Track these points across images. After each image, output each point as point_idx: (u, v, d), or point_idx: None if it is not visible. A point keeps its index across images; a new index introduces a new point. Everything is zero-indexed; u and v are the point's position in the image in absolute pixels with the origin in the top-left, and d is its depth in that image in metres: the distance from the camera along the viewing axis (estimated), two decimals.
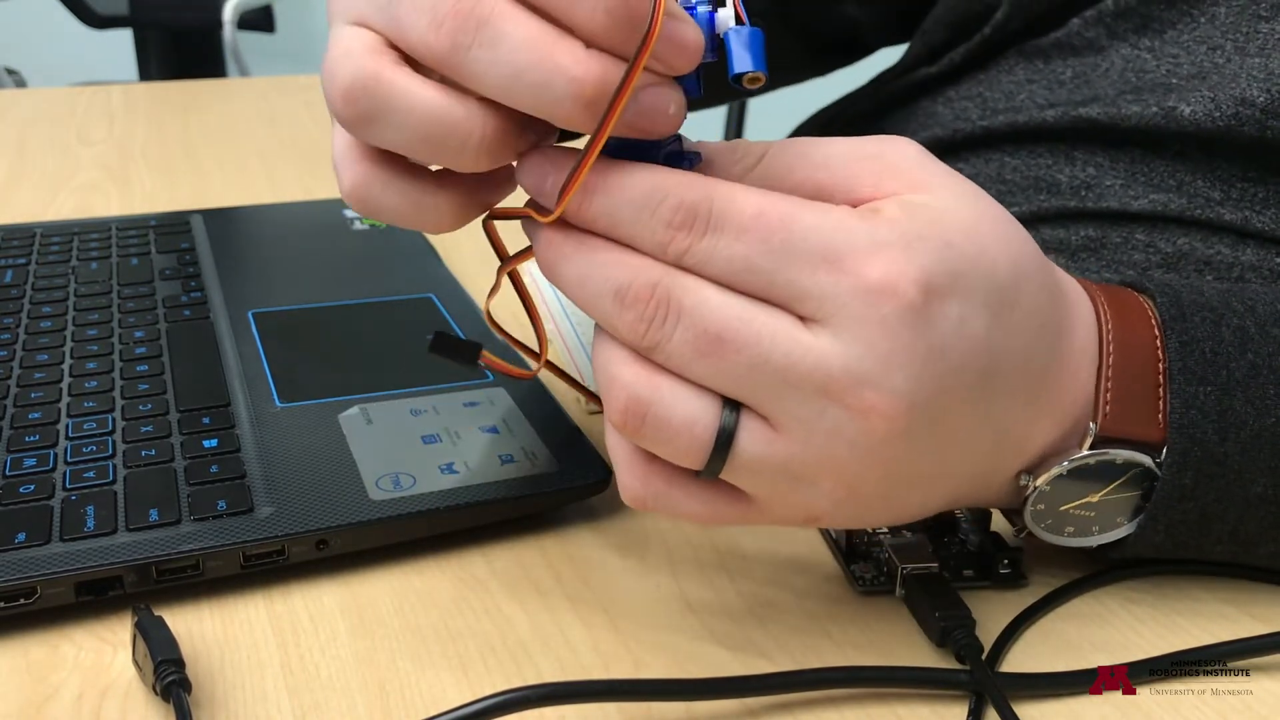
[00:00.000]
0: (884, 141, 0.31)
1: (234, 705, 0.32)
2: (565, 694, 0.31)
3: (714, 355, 0.29)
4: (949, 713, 0.32)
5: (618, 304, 0.29)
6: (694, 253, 0.29)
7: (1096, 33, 0.52)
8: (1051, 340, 0.33)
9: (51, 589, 0.34)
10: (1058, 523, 0.35)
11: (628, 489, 0.32)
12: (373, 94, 0.29)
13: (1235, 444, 0.33)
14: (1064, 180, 0.52)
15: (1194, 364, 0.33)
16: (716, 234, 0.29)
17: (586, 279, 0.30)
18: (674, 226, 0.29)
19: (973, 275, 0.29)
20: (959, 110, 0.58)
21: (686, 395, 0.30)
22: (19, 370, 0.47)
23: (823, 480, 0.30)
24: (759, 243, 0.28)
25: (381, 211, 0.32)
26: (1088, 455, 0.33)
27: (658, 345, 0.29)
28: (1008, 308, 0.31)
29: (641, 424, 0.30)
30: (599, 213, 0.30)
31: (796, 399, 0.29)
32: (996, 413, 0.32)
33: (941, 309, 0.29)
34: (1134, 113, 0.48)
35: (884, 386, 0.29)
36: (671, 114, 0.29)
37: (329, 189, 0.79)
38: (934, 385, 0.29)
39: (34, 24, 2.77)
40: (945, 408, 0.30)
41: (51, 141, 0.90)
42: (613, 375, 0.30)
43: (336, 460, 0.41)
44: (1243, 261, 0.47)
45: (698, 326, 0.29)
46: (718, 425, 0.30)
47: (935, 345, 0.29)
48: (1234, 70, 0.46)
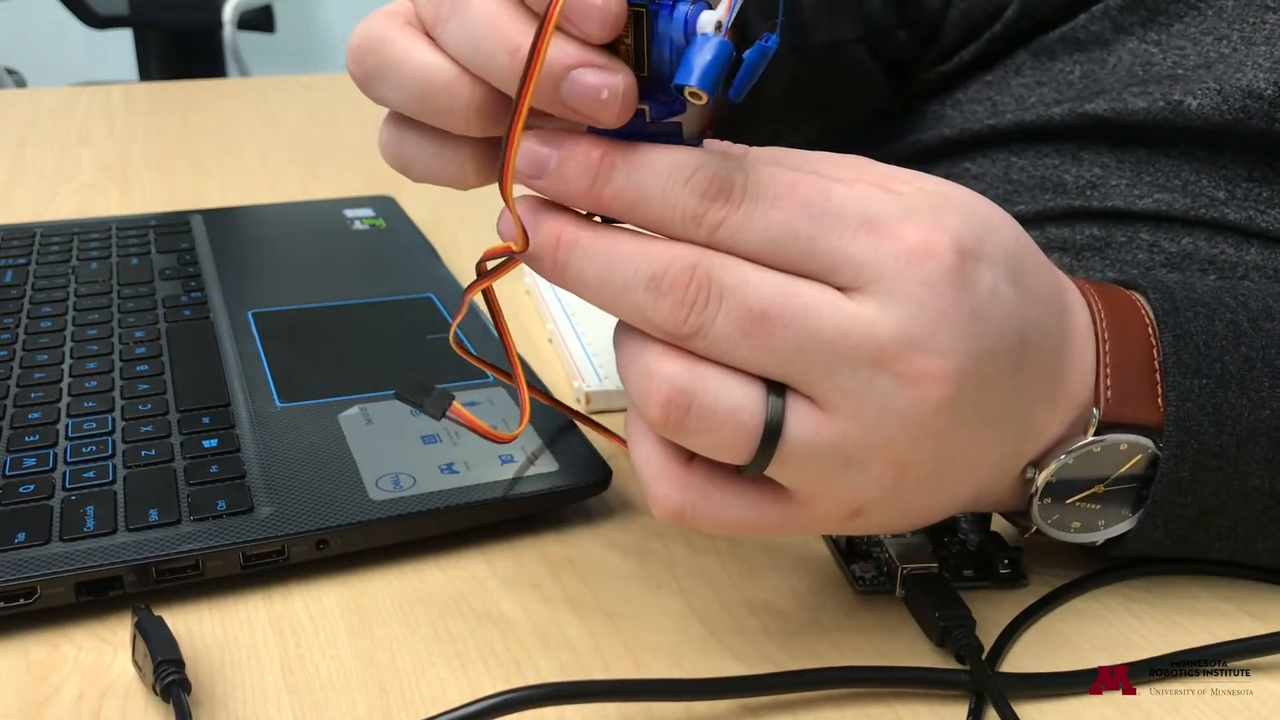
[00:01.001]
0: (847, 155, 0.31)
1: (234, 705, 0.32)
2: (565, 694, 0.31)
3: (760, 334, 0.28)
4: (949, 713, 0.32)
5: (652, 293, 0.28)
6: (729, 224, 0.28)
7: (1102, 26, 0.52)
8: (1059, 316, 0.33)
9: (51, 589, 0.34)
10: (1064, 518, 0.35)
11: (664, 500, 0.31)
12: (375, 52, 0.31)
13: (1231, 436, 0.34)
14: (1070, 180, 0.52)
15: (1188, 357, 0.34)
16: (753, 203, 0.28)
17: (611, 274, 0.29)
18: (709, 197, 0.28)
19: (992, 242, 0.30)
20: (967, 112, 0.58)
21: (732, 382, 0.29)
22: (19, 370, 0.47)
23: (872, 462, 0.30)
24: (798, 208, 0.28)
25: (410, 166, 0.34)
26: (1091, 442, 0.33)
27: (700, 330, 0.28)
28: (1023, 275, 0.31)
29: (685, 415, 0.29)
30: (622, 188, 0.28)
31: (846, 372, 0.28)
32: (1026, 388, 0.32)
33: (976, 272, 0.29)
34: (1140, 108, 0.48)
35: (934, 349, 0.28)
36: (604, 99, 0.27)
37: (329, 189, 0.79)
38: (979, 349, 0.29)
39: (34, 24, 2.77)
40: (989, 374, 0.30)
41: (51, 141, 0.90)
42: (650, 369, 0.29)
43: (336, 460, 0.41)
44: (1247, 261, 0.47)
45: (742, 305, 0.28)
46: (766, 412, 0.29)
47: (978, 307, 0.29)
48: (1240, 59, 0.46)
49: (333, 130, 0.94)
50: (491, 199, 0.30)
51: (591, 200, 0.29)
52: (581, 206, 0.30)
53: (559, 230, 0.30)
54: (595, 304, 0.30)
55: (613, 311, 0.30)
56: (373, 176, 0.82)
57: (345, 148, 0.89)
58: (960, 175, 0.56)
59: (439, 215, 0.72)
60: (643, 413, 0.30)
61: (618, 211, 0.29)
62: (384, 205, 0.71)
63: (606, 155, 0.28)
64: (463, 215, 0.73)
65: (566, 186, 0.29)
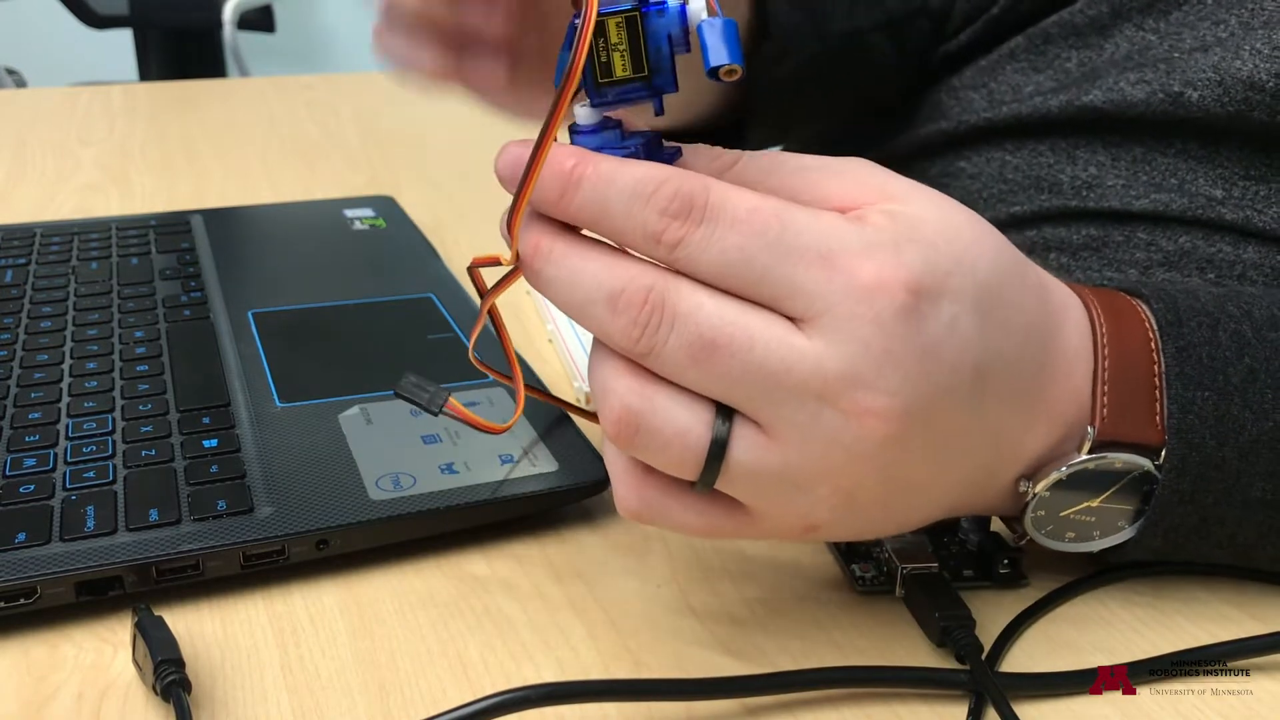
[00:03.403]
0: (848, 160, 0.31)
1: (234, 705, 0.32)
2: (565, 694, 0.31)
3: (708, 361, 0.29)
4: (949, 713, 0.32)
5: (610, 309, 0.29)
6: (688, 243, 0.28)
7: (1100, 11, 0.52)
8: (1042, 341, 0.33)
9: (51, 589, 0.34)
10: (1058, 529, 0.35)
11: (623, 501, 0.32)
12: None
13: (1234, 449, 0.33)
14: (1065, 180, 0.52)
15: (1191, 369, 0.33)
16: (712, 224, 0.28)
17: (576, 286, 0.30)
18: (669, 215, 0.28)
19: (959, 275, 0.29)
20: (964, 101, 0.58)
21: (680, 405, 0.30)
22: (19, 370, 0.47)
23: (819, 487, 0.30)
24: (755, 235, 0.28)
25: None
26: (1086, 459, 0.33)
27: (652, 351, 0.29)
28: (995, 308, 0.31)
29: (635, 434, 0.30)
30: (588, 201, 0.29)
31: (791, 404, 0.29)
32: (991, 416, 0.32)
33: (933, 309, 0.29)
34: (1139, 99, 0.48)
35: (879, 387, 0.28)
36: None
37: (329, 189, 0.79)
38: (929, 387, 0.29)
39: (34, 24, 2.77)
40: (940, 409, 0.30)
41: (51, 141, 0.90)
42: (607, 387, 0.30)
43: (336, 460, 0.41)
44: (1245, 260, 0.47)
45: (692, 332, 0.29)
46: (711, 434, 0.29)
47: (929, 345, 0.29)
48: (1237, 43, 0.46)
49: (333, 130, 0.94)
50: (492, 199, 0.30)
51: (561, 210, 0.30)
52: (555, 215, 0.30)
53: (537, 239, 0.30)
54: (565, 314, 0.31)
55: (580, 323, 0.31)
56: (373, 176, 0.82)
57: (345, 148, 0.89)
58: (956, 175, 0.56)
59: (439, 215, 0.72)
60: (602, 427, 0.31)
61: (584, 223, 0.30)
62: (384, 205, 0.71)
63: (577, 167, 0.29)
64: (463, 215, 0.73)
65: (539, 194, 0.30)
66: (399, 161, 0.86)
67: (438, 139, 0.93)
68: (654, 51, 0.28)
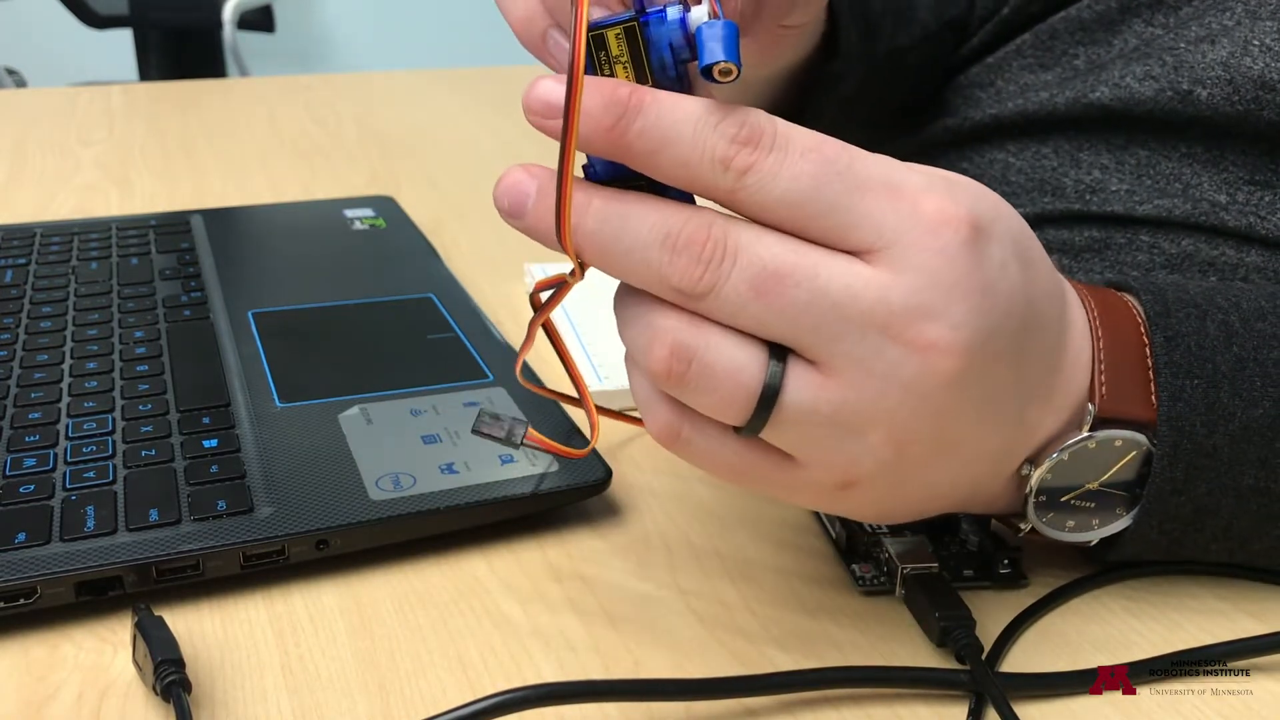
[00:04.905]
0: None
1: (234, 705, 0.32)
2: (565, 694, 0.31)
3: (773, 291, 0.28)
4: (949, 713, 0.32)
5: (668, 250, 0.28)
6: (759, 169, 0.28)
7: (1107, 6, 0.52)
8: (1060, 306, 0.33)
9: (51, 589, 0.34)
10: (1059, 516, 0.35)
11: (657, 419, 0.31)
12: None
13: (1224, 436, 0.34)
14: (1069, 184, 0.52)
15: (1180, 358, 0.34)
16: (782, 152, 0.28)
17: (625, 232, 0.28)
18: (738, 141, 0.28)
19: (1003, 222, 0.30)
20: (970, 98, 0.58)
21: (735, 342, 0.29)
22: (19, 370, 0.47)
23: (871, 432, 0.30)
24: (827, 163, 0.28)
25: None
26: (1086, 437, 0.33)
27: (713, 289, 0.28)
28: (1030, 263, 0.31)
29: (687, 370, 0.29)
30: (650, 126, 0.28)
31: (854, 337, 0.28)
32: (1026, 377, 0.32)
33: (988, 248, 0.29)
34: (1147, 96, 0.48)
35: (945, 320, 0.28)
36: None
37: (329, 189, 0.79)
38: (988, 326, 0.29)
39: (34, 24, 2.77)
40: (994, 354, 0.30)
41: (51, 141, 0.90)
42: (654, 325, 0.29)
43: (336, 460, 0.41)
44: (1247, 263, 0.47)
45: (756, 264, 0.28)
46: (765, 374, 0.29)
47: (988, 283, 0.29)
48: (1244, 34, 0.46)
49: (333, 130, 0.94)
50: (491, 199, 0.30)
51: (614, 138, 0.28)
52: (598, 148, 0.29)
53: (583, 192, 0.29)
54: (603, 267, 0.30)
55: (622, 273, 0.29)
56: (373, 176, 0.82)
57: (345, 148, 0.89)
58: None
59: (439, 215, 0.72)
60: (644, 367, 0.30)
61: (640, 151, 0.28)
62: (384, 205, 0.71)
63: (634, 94, 0.28)
64: (463, 215, 0.73)
65: (587, 121, 0.28)
66: (399, 161, 0.86)
67: (438, 139, 0.93)
68: (656, 61, 0.28)
